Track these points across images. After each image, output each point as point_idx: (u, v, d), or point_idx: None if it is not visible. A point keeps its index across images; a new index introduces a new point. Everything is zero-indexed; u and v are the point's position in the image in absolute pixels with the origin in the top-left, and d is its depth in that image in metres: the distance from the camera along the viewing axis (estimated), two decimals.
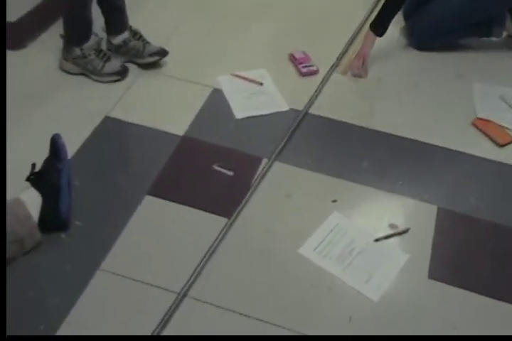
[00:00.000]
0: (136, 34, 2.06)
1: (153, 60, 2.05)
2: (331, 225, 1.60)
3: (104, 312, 1.37)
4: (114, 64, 2.01)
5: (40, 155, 1.58)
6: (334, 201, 1.67)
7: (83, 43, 1.94)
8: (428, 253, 1.55)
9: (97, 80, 1.99)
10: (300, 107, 1.97)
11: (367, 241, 1.56)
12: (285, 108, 1.97)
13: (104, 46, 2.07)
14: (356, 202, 1.68)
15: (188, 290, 1.41)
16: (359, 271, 1.49)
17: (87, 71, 1.98)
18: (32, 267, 1.44)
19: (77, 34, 1.95)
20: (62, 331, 1.32)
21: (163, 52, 2.05)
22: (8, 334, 1.28)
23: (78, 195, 1.59)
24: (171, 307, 1.37)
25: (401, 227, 1.61)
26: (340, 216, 1.62)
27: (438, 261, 1.53)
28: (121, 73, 2.02)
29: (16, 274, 1.41)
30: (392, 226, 1.61)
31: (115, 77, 2.00)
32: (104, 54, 1.99)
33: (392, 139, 1.89)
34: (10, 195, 1.48)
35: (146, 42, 2.05)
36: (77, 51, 1.94)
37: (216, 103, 1.97)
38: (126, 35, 2.04)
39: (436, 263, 1.52)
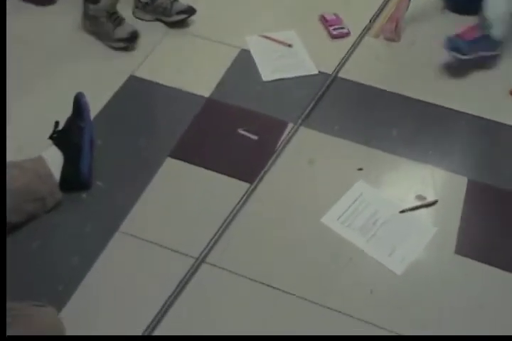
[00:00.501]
0: None
1: (180, 18, 1.93)
2: (355, 194, 1.50)
3: (121, 274, 1.32)
4: (125, 29, 1.84)
5: (64, 112, 1.50)
6: (360, 169, 1.56)
7: (97, 1, 1.80)
8: (456, 227, 1.45)
9: (107, 45, 1.85)
10: (329, 71, 1.84)
11: (392, 212, 1.46)
12: (314, 71, 1.85)
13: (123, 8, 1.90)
14: (383, 171, 1.57)
15: (206, 255, 1.35)
16: (383, 243, 1.40)
17: (97, 34, 1.85)
18: (52, 226, 1.39)
19: None
20: (79, 293, 1.28)
21: (190, 11, 1.93)
22: (28, 294, 1.25)
23: (100, 155, 1.53)
24: (188, 272, 1.32)
25: (429, 199, 1.50)
26: (366, 185, 1.52)
27: (466, 235, 1.43)
28: (129, 40, 1.84)
29: (37, 233, 1.37)
30: (419, 197, 1.51)
31: (122, 44, 1.84)
32: (117, 17, 1.84)
33: (424, 106, 1.75)
34: (33, 152, 1.44)
35: (173, 0, 1.93)
36: (92, 10, 1.82)
37: (243, 64, 1.86)
38: None
39: (464, 238, 1.43)
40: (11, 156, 1.44)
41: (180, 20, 1.94)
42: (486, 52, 1.83)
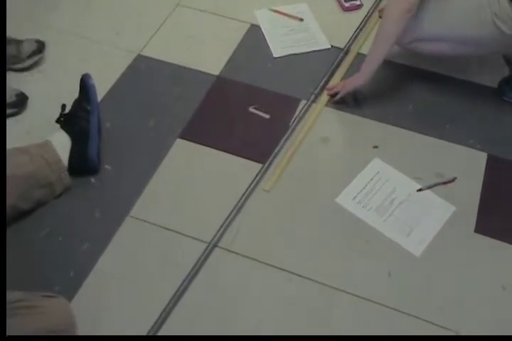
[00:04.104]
0: None
1: (34, 60, 1.60)
2: (371, 173, 1.40)
3: (133, 260, 1.25)
4: (8, 93, 1.50)
5: (73, 94, 1.41)
6: (375, 147, 1.46)
7: None
8: (476, 204, 1.36)
9: None
10: (342, 45, 1.72)
11: (410, 190, 1.37)
12: (326, 45, 1.73)
13: None
14: (399, 149, 1.47)
15: (218, 240, 1.28)
16: (400, 223, 1.31)
17: None
18: (62, 212, 1.32)
19: None
20: (91, 279, 1.21)
21: (41, 47, 1.62)
22: (39, 282, 1.20)
23: (108, 138, 1.45)
24: (200, 257, 1.25)
25: (447, 176, 1.40)
26: (382, 163, 1.42)
27: (486, 213, 1.34)
28: (18, 104, 1.52)
29: (46, 220, 1.30)
30: (437, 174, 1.41)
31: (9, 110, 1.50)
32: None
33: (441, 80, 1.63)
34: (41, 135, 1.37)
35: (19, 42, 1.59)
36: None
37: (253, 40, 1.74)
38: None
39: (484, 216, 1.33)
40: (19, 139, 1.38)
41: (35, 62, 1.61)
42: None
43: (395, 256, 1.27)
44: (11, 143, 1.30)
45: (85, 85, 1.42)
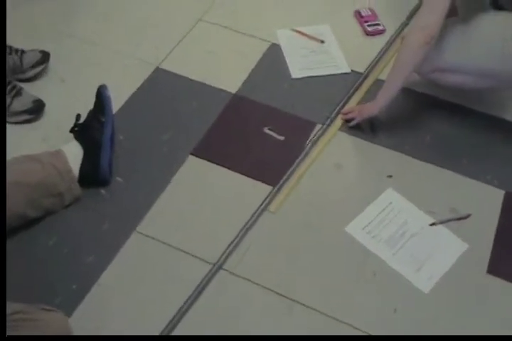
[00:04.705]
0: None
1: (37, 71, 1.59)
2: (383, 203, 1.38)
3: (137, 276, 1.24)
4: (25, 99, 1.51)
5: (87, 105, 1.42)
6: (390, 176, 1.44)
7: None
8: (490, 243, 1.32)
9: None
10: (362, 69, 1.71)
11: (422, 224, 1.34)
12: (346, 69, 1.72)
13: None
14: (414, 180, 1.45)
15: (223, 262, 1.26)
16: (410, 258, 1.29)
17: None
18: (70, 223, 1.31)
19: None
20: (93, 293, 1.20)
21: (45, 57, 1.60)
22: (41, 292, 1.19)
23: (121, 150, 1.44)
24: (204, 278, 1.23)
25: (461, 212, 1.38)
26: (395, 193, 1.40)
27: (500, 253, 1.30)
28: (35, 111, 1.52)
29: (54, 229, 1.29)
30: (451, 210, 1.38)
31: (25, 116, 1.51)
32: (14, 87, 1.51)
33: (463, 112, 1.60)
34: (57, 143, 1.38)
35: (22, 53, 1.57)
36: None
37: (273, 59, 1.73)
38: None
39: (498, 256, 1.30)
40: (34, 146, 1.40)
41: (38, 73, 1.60)
42: None
43: (403, 292, 1.24)
44: (26, 150, 1.32)
45: (101, 96, 1.42)
